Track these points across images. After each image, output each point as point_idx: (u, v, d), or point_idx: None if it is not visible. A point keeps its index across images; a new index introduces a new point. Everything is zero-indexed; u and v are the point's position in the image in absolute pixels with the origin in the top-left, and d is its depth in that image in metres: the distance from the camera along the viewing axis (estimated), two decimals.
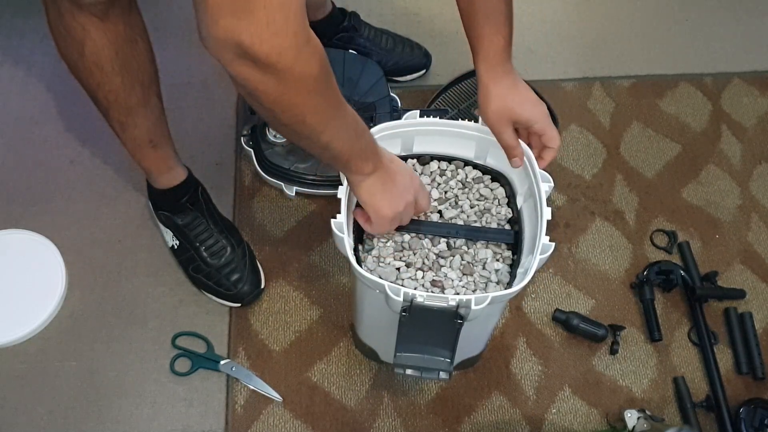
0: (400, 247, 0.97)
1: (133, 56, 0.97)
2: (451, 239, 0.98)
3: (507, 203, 1.02)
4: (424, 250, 0.97)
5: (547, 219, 0.90)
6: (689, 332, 1.26)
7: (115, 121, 1.05)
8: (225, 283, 1.21)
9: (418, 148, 1.03)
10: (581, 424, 1.18)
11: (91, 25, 0.90)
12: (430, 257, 0.97)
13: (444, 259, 0.97)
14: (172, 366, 1.19)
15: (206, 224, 1.23)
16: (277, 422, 1.15)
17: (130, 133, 1.08)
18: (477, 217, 1.01)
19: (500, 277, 0.96)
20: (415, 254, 0.96)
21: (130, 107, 1.03)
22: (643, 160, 1.43)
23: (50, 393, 1.17)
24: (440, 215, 1.00)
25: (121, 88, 0.99)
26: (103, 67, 0.95)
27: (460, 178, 1.03)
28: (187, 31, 1.53)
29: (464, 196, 1.02)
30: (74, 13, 0.89)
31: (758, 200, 1.40)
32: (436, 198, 1.01)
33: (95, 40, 0.92)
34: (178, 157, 1.19)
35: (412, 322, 0.87)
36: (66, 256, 1.27)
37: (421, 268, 0.96)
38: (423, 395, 1.18)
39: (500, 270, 0.97)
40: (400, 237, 0.98)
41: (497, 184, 1.03)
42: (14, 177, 1.36)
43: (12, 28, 1.54)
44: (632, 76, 1.54)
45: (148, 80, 1.03)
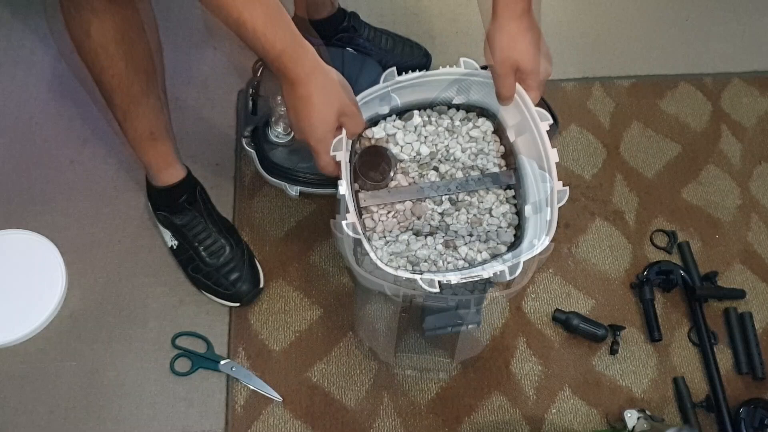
0: (404, 216, 0.94)
1: (138, 43, 0.98)
2: (453, 195, 0.96)
3: (498, 137, 0.99)
4: (429, 213, 0.94)
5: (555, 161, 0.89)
6: (689, 332, 1.26)
7: (118, 108, 1.06)
8: (224, 282, 1.21)
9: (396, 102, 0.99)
10: (581, 424, 1.18)
11: (99, 4, 0.91)
12: (436, 218, 0.94)
13: (450, 216, 0.94)
14: (172, 366, 1.19)
15: (204, 224, 1.23)
16: (277, 422, 1.15)
17: (131, 123, 1.09)
18: (471, 161, 0.98)
19: (509, 221, 0.95)
20: (420, 219, 0.94)
21: (134, 95, 1.04)
22: (643, 160, 1.43)
23: (50, 393, 1.17)
24: (437, 171, 0.97)
25: (125, 73, 1.00)
26: (108, 49, 0.96)
27: (446, 125, 1.00)
28: (187, 31, 1.53)
29: (454, 142, 0.99)
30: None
31: (758, 200, 1.40)
32: (427, 153, 0.98)
33: (102, 21, 0.93)
34: (178, 155, 1.19)
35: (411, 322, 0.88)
36: (66, 256, 1.27)
37: (430, 233, 0.93)
38: (423, 395, 1.18)
39: (506, 213, 0.95)
40: (401, 206, 0.95)
41: (484, 118, 1.01)
42: (14, 177, 1.36)
43: (12, 28, 1.54)
44: (632, 76, 1.54)
45: (153, 70, 1.04)
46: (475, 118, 1.00)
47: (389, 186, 0.96)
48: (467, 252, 0.93)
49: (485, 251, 0.94)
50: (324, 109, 0.86)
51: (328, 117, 0.87)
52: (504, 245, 0.94)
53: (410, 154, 0.98)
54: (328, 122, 0.87)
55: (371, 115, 0.98)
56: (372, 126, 0.99)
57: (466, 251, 0.92)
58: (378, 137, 0.98)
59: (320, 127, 0.87)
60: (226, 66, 1.50)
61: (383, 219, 0.94)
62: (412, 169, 0.97)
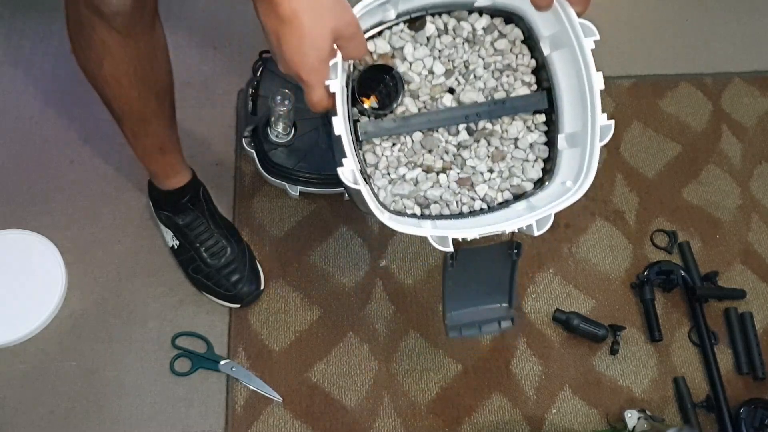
0: (411, 150, 0.79)
1: (151, 70, 0.97)
2: (471, 123, 0.80)
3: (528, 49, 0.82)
4: (441, 145, 0.79)
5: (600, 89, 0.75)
6: (689, 332, 1.26)
7: (127, 129, 1.05)
8: (225, 283, 1.21)
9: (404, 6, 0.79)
10: (581, 424, 1.17)
11: (112, 41, 0.88)
12: (450, 150, 0.79)
13: (467, 149, 0.79)
14: (172, 366, 1.19)
15: (206, 224, 1.22)
16: (277, 422, 1.15)
17: (141, 141, 1.09)
18: (496, 79, 0.81)
19: (538, 154, 0.80)
20: (432, 152, 0.79)
21: (144, 117, 1.03)
22: (643, 160, 1.43)
23: (50, 393, 1.16)
24: (452, 94, 0.80)
25: (137, 100, 0.99)
26: (121, 81, 0.94)
27: (465, 35, 0.81)
28: (187, 30, 1.53)
29: (475, 56, 0.81)
30: (96, 26, 0.87)
31: (758, 200, 1.40)
32: (441, 72, 0.80)
33: (115, 56, 0.91)
34: (184, 161, 1.19)
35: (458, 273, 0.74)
36: (66, 256, 1.27)
37: (442, 170, 0.79)
38: (423, 395, 1.18)
39: (535, 143, 0.80)
40: (407, 137, 0.80)
41: (512, 25, 0.82)
42: (14, 177, 1.36)
43: (12, 28, 1.53)
44: (632, 76, 1.54)
45: (164, 91, 1.03)
46: (502, 24, 0.82)
47: (395, 113, 0.79)
48: (486, 191, 0.80)
49: (507, 190, 0.81)
50: (315, 31, 0.68)
51: (321, 41, 0.68)
52: (530, 182, 0.81)
53: (421, 72, 0.80)
54: (322, 48, 0.69)
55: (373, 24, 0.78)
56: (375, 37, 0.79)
57: (485, 190, 0.79)
58: (382, 52, 0.79)
59: (311, 55, 0.68)
60: (226, 66, 1.50)
61: (387, 153, 0.79)
62: (423, 92, 0.80)
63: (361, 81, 0.77)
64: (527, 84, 0.81)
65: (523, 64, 0.81)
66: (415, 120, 0.78)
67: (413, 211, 0.78)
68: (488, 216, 0.78)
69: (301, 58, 0.69)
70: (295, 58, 0.69)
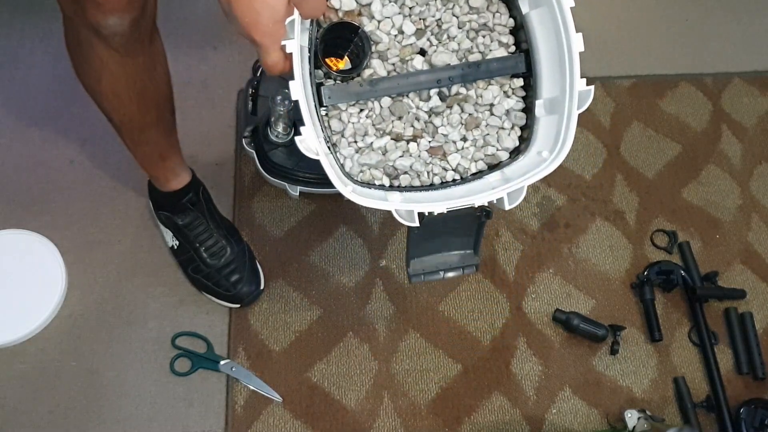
0: (380, 117, 0.74)
1: (150, 83, 0.97)
2: (444, 88, 0.74)
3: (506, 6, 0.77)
4: (412, 112, 0.74)
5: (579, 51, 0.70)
6: (689, 332, 1.26)
7: (127, 138, 1.06)
8: (224, 284, 1.21)
9: None
10: (581, 424, 1.17)
11: (110, 59, 0.88)
12: (421, 117, 0.74)
13: (439, 115, 0.74)
14: (171, 366, 1.19)
15: (206, 225, 1.22)
16: (277, 422, 1.15)
17: (141, 149, 1.09)
18: (471, 40, 0.76)
19: (514, 121, 0.76)
20: (401, 119, 0.74)
21: (143, 127, 1.03)
22: (643, 160, 1.43)
23: (50, 393, 1.16)
24: (423, 55, 0.75)
25: (136, 112, 0.99)
26: (120, 96, 0.95)
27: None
28: (186, 30, 1.53)
29: (449, 14, 0.76)
30: (94, 45, 0.87)
31: (758, 200, 1.40)
32: (412, 32, 0.75)
33: (113, 73, 0.91)
34: (184, 163, 1.19)
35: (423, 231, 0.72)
36: (66, 256, 1.27)
37: (413, 138, 0.74)
38: (423, 395, 1.18)
39: (512, 110, 0.76)
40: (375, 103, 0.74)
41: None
42: (14, 177, 1.36)
43: (12, 28, 1.53)
44: (632, 76, 1.54)
45: (163, 101, 1.03)
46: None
47: (362, 76, 0.74)
48: (459, 161, 0.75)
49: (481, 160, 0.77)
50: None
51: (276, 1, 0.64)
52: (505, 151, 0.77)
53: (390, 32, 0.74)
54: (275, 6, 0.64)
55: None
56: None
57: (458, 160, 0.75)
58: (348, 9, 0.74)
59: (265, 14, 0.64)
60: (226, 66, 1.50)
61: (354, 120, 0.73)
62: (392, 54, 0.74)
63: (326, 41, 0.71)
64: (504, 45, 0.76)
65: (500, 24, 0.76)
66: (383, 84, 0.73)
67: (381, 182, 0.74)
68: (460, 188, 0.74)
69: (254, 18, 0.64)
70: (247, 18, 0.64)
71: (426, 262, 0.78)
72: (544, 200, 1.37)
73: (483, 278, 1.28)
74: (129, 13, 0.83)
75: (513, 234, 1.33)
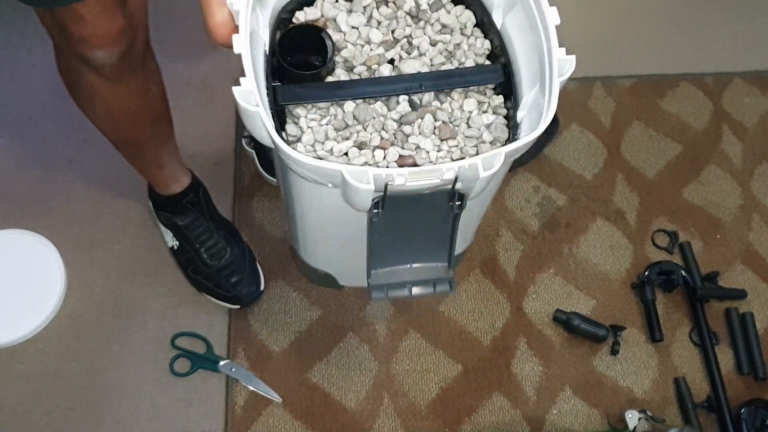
0: (343, 122, 0.65)
1: (144, 104, 0.96)
2: (414, 95, 0.66)
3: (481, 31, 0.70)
4: (379, 119, 0.66)
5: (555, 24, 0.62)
6: (690, 333, 1.26)
7: (124, 152, 1.07)
8: (224, 284, 1.21)
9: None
10: (582, 424, 1.17)
11: (101, 86, 0.88)
12: (389, 126, 0.66)
13: (410, 125, 0.66)
14: (171, 366, 1.18)
15: (206, 225, 1.22)
16: (277, 423, 1.15)
17: (139, 161, 1.10)
18: (444, 58, 0.69)
19: (496, 134, 0.66)
20: (367, 128, 0.66)
21: (140, 143, 1.04)
22: (644, 160, 1.43)
23: (50, 393, 1.16)
24: (392, 66, 0.69)
25: (132, 131, 0.99)
26: (114, 118, 0.95)
27: (407, 8, 0.70)
28: (186, 30, 1.53)
29: (419, 31, 0.70)
30: (83, 72, 0.86)
31: (759, 200, 1.40)
32: (379, 42, 0.68)
33: (105, 98, 0.90)
34: (183, 167, 1.19)
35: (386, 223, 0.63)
36: (66, 256, 1.27)
37: (380, 146, 0.65)
38: (423, 396, 1.18)
39: (493, 124, 0.67)
40: (337, 109, 0.66)
41: (462, 6, 0.71)
42: (14, 177, 1.36)
43: (12, 28, 1.53)
44: (633, 76, 1.54)
45: (159, 117, 1.02)
46: (450, 4, 0.71)
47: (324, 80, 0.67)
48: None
49: None
50: None
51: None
52: None
53: (356, 42, 0.68)
54: None
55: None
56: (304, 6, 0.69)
57: None
58: (312, 18, 0.69)
59: None
60: (226, 66, 1.50)
61: (313, 125, 0.65)
62: (358, 61, 0.68)
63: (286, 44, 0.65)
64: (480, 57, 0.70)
65: (475, 46, 0.70)
66: (346, 88, 0.65)
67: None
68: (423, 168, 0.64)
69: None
70: None
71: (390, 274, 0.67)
72: (544, 200, 1.37)
73: (483, 278, 1.28)
74: (118, 47, 0.81)
75: (513, 234, 1.32)
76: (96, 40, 0.79)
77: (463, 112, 0.67)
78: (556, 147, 1.42)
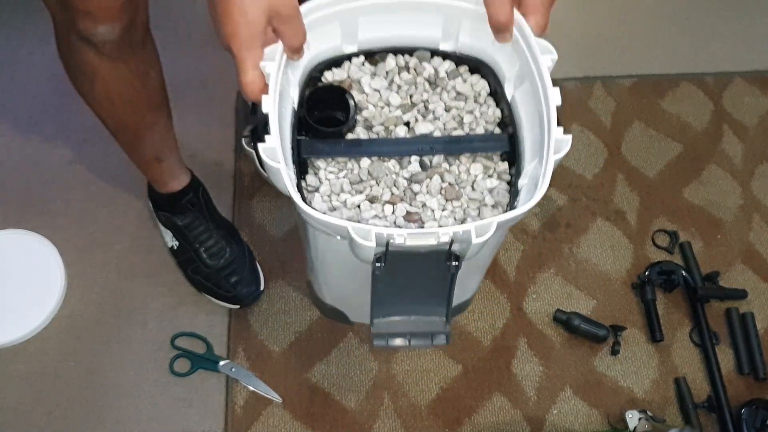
0: (358, 177, 0.72)
1: (143, 88, 0.97)
2: (425, 156, 0.73)
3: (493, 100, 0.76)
4: (391, 176, 0.72)
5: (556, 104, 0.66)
6: (691, 333, 1.26)
7: (122, 142, 1.06)
8: (224, 284, 1.21)
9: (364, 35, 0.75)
10: (582, 425, 1.17)
11: (102, 65, 0.89)
12: (400, 184, 0.72)
13: (418, 183, 0.72)
14: (171, 366, 1.18)
15: (206, 225, 1.22)
16: (277, 423, 1.15)
17: (137, 153, 1.10)
18: (456, 123, 0.75)
19: (498, 199, 0.72)
20: (379, 183, 0.72)
21: (138, 132, 1.04)
22: (644, 160, 1.43)
23: (50, 393, 1.16)
24: (408, 128, 0.75)
25: (131, 117, 0.99)
26: (113, 102, 0.95)
27: (427, 75, 0.76)
28: (186, 29, 1.53)
29: (436, 97, 0.76)
30: (85, 52, 0.87)
31: (760, 200, 1.40)
32: (398, 105, 0.75)
33: (105, 79, 0.91)
34: (182, 165, 1.19)
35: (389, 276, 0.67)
36: (66, 256, 1.27)
37: (390, 201, 0.71)
38: (423, 396, 1.18)
39: (495, 189, 0.72)
40: (354, 164, 0.73)
41: (477, 75, 0.77)
42: (14, 177, 1.36)
43: (12, 28, 1.53)
44: (633, 76, 1.54)
45: (158, 105, 1.03)
46: (467, 73, 0.77)
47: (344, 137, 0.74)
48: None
49: None
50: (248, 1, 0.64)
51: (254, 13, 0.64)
52: None
53: (377, 103, 0.75)
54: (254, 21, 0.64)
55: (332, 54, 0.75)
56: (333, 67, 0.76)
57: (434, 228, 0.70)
58: (339, 79, 0.76)
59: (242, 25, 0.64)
60: (226, 66, 1.49)
61: (330, 177, 0.72)
62: (377, 122, 0.75)
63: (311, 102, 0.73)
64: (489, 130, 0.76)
65: (487, 113, 0.76)
66: (364, 146, 0.73)
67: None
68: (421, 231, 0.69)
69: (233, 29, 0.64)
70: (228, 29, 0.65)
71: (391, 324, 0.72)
72: (544, 200, 1.36)
73: (483, 278, 1.28)
74: (119, 22, 0.83)
75: (514, 234, 1.32)
76: (99, 14, 0.81)
77: (470, 176, 0.73)
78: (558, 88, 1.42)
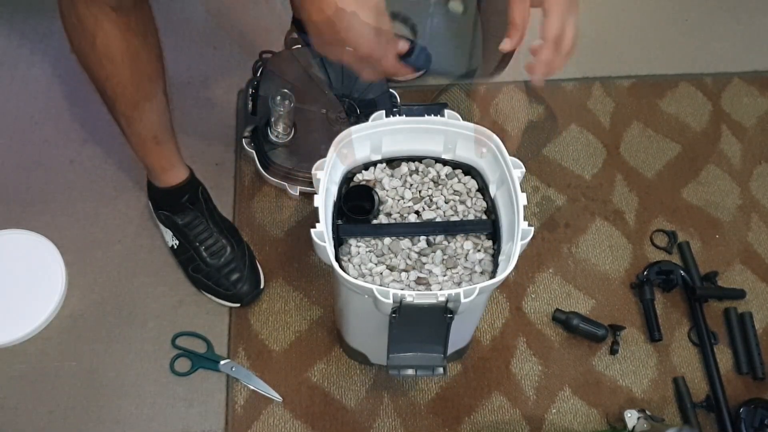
0: (381, 251, 0.97)
1: (142, 49, 0.98)
2: (431, 236, 0.99)
3: (481, 195, 1.03)
4: (405, 251, 0.97)
5: (523, 204, 0.91)
6: (689, 332, 1.26)
7: (120, 114, 1.05)
8: (224, 283, 1.21)
9: (387, 148, 1.03)
10: (581, 424, 1.18)
11: (104, 16, 0.90)
12: (412, 256, 0.97)
13: (426, 256, 0.97)
14: (171, 366, 1.19)
15: (206, 224, 1.23)
16: (277, 422, 1.15)
17: (134, 128, 1.09)
18: (453, 211, 1.01)
19: (484, 267, 0.96)
20: (397, 256, 0.97)
21: (137, 101, 1.03)
22: (643, 160, 1.43)
23: (50, 393, 1.17)
24: (417, 215, 1.01)
25: (130, 80, 1.00)
26: (114, 59, 0.96)
27: (431, 176, 1.03)
28: (187, 29, 1.53)
29: (438, 193, 1.02)
30: (88, 2, 0.89)
31: (758, 200, 1.40)
32: (410, 198, 1.02)
33: (107, 31, 0.92)
34: (180, 156, 1.19)
35: (402, 323, 0.89)
36: (66, 256, 1.27)
37: (404, 269, 0.96)
38: (423, 395, 1.18)
39: (482, 260, 0.97)
40: (378, 242, 0.98)
41: (469, 177, 1.03)
42: (14, 177, 1.36)
43: (12, 28, 1.54)
44: (632, 76, 1.54)
45: (156, 75, 1.03)
46: (461, 174, 1.03)
47: (371, 222, 1.00)
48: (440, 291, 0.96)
49: None
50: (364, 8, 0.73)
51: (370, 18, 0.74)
52: None
53: (394, 198, 1.02)
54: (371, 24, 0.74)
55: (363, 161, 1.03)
56: (363, 170, 1.03)
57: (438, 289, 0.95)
58: (367, 179, 1.03)
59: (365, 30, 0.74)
60: (226, 66, 1.50)
61: (360, 251, 0.98)
62: (394, 211, 1.00)
63: (348, 196, 1.00)
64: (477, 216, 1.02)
65: (476, 205, 1.02)
66: (385, 229, 0.98)
67: None
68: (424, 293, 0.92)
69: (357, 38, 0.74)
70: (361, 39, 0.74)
71: (402, 359, 0.93)
72: (543, 200, 1.37)
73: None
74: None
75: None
76: None
77: (463, 250, 0.98)
78: (555, 147, 1.43)
